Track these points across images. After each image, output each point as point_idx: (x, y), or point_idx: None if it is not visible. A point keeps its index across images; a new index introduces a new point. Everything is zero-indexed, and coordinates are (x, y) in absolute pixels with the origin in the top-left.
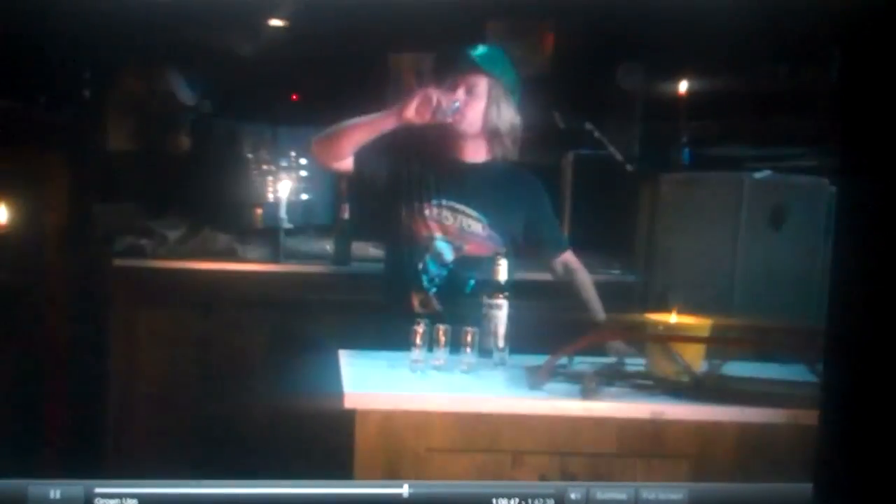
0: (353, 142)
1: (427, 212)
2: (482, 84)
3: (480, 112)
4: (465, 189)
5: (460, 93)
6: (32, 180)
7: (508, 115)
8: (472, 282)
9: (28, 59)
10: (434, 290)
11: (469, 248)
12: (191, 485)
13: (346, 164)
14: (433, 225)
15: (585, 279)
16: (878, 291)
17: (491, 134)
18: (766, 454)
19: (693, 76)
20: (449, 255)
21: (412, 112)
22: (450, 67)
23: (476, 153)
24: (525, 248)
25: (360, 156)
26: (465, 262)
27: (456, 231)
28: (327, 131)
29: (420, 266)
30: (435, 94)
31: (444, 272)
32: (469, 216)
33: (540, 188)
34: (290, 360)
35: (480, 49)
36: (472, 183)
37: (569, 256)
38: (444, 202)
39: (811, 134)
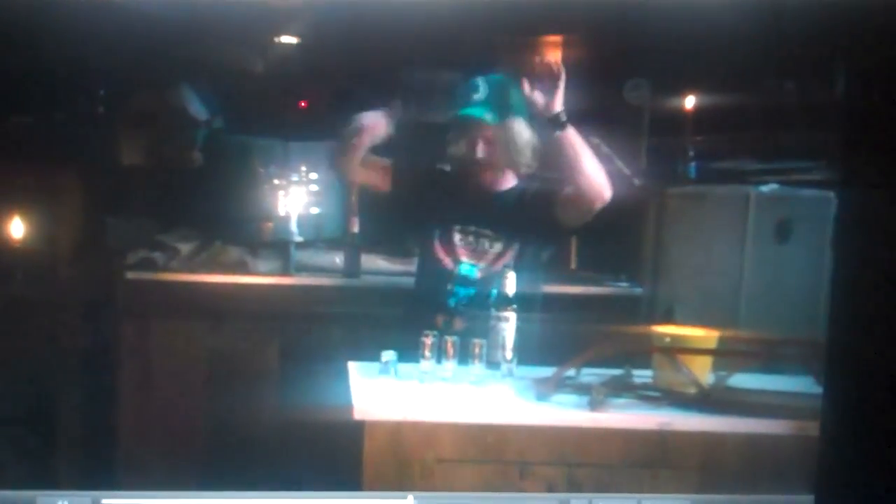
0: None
1: (453, 239)
2: (490, 132)
3: (497, 156)
4: (489, 215)
5: (480, 148)
6: (46, 195)
7: (523, 141)
8: (495, 292)
9: (42, 76)
10: (461, 309)
11: (493, 266)
12: (199, 496)
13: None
14: (459, 251)
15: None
16: (880, 304)
17: (513, 165)
18: (772, 465)
19: (699, 91)
20: (474, 275)
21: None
22: (459, 132)
23: (502, 182)
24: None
25: (397, 186)
26: (489, 279)
27: (480, 253)
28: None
29: (448, 289)
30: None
31: (472, 291)
32: (490, 237)
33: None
34: (300, 372)
35: (483, 94)
36: (495, 208)
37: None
38: (469, 228)
39: (817, 148)
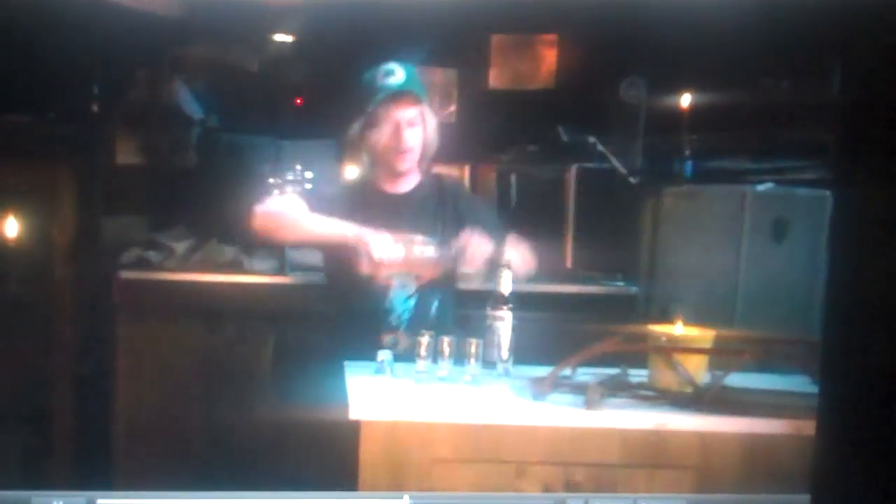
0: (295, 238)
1: (378, 253)
2: (416, 113)
3: (420, 142)
4: (405, 217)
5: (407, 134)
6: (41, 193)
7: (433, 131)
8: (437, 302)
9: (37, 74)
10: (403, 325)
11: (428, 273)
12: (194, 496)
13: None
14: (387, 264)
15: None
16: (875, 303)
17: (425, 157)
18: (768, 465)
19: (695, 90)
20: (411, 286)
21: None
22: (387, 108)
23: (409, 180)
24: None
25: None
26: (428, 288)
27: (411, 262)
28: (275, 216)
29: (385, 307)
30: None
31: (412, 303)
32: (417, 242)
33: (462, 188)
34: (296, 371)
35: (403, 76)
36: (409, 209)
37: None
38: (389, 236)
39: (812, 147)
